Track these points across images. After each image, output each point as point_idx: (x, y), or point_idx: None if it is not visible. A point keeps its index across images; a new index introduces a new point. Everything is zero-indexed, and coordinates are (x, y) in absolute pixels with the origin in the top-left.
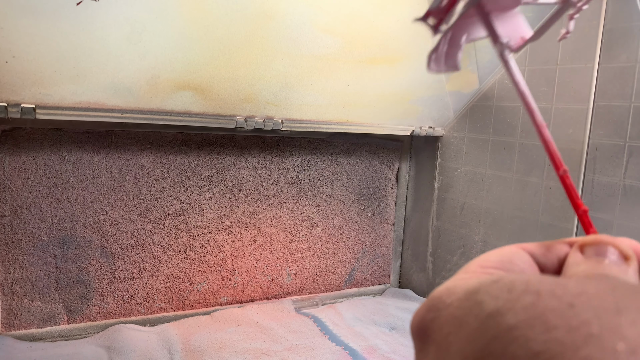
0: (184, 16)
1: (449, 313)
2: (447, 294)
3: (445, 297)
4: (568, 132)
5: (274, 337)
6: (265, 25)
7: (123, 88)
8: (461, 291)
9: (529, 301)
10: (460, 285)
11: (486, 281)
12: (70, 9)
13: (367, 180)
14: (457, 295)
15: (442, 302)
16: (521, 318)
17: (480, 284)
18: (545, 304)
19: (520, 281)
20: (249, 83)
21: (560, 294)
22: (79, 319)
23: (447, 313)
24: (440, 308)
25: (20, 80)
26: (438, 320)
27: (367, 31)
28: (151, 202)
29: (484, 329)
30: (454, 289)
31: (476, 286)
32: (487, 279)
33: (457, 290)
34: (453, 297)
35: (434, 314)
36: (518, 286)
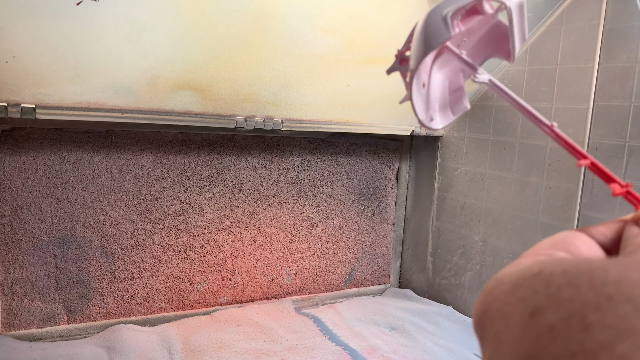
0: (184, 16)
1: (497, 308)
2: (496, 285)
3: (494, 289)
4: (568, 132)
5: (274, 337)
6: (265, 25)
7: (123, 88)
8: (507, 283)
9: (566, 296)
10: (508, 275)
11: (528, 273)
12: (70, 9)
13: (367, 180)
14: (504, 287)
15: (491, 295)
16: (560, 316)
17: (522, 275)
18: (582, 299)
19: (560, 272)
20: (249, 83)
21: (598, 285)
22: (78, 319)
23: (495, 308)
24: (489, 301)
25: (20, 80)
26: (489, 315)
27: (367, 31)
28: (151, 202)
29: (527, 329)
30: (502, 280)
31: (519, 279)
32: (530, 268)
33: (505, 281)
34: (500, 288)
35: (485, 307)
36: (557, 279)
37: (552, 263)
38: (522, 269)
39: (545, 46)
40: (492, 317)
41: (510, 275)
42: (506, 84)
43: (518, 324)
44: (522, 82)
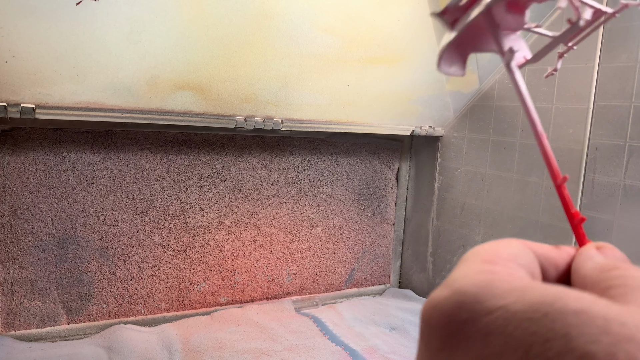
0: (184, 16)
1: (499, 326)
2: (486, 295)
3: (484, 299)
4: (568, 132)
5: (274, 337)
6: (265, 25)
7: (123, 88)
8: (511, 298)
9: (631, 351)
10: (500, 287)
11: (561, 305)
12: (70, 8)
13: (367, 180)
14: (505, 302)
15: (480, 305)
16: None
17: (550, 303)
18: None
19: (613, 315)
20: (248, 83)
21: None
22: (78, 319)
23: (493, 325)
24: (478, 311)
25: (20, 80)
26: (476, 326)
27: (367, 31)
28: (151, 202)
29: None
30: (494, 290)
31: (547, 307)
32: (551, 294)
33: (499, 293)
34: (497, 302)
35: (469, 316)
36: (614, 327)
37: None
38: (530, 286)
39: None
40: (485, 332)
41: (506, 287)
42: (506, 84)
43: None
44: None
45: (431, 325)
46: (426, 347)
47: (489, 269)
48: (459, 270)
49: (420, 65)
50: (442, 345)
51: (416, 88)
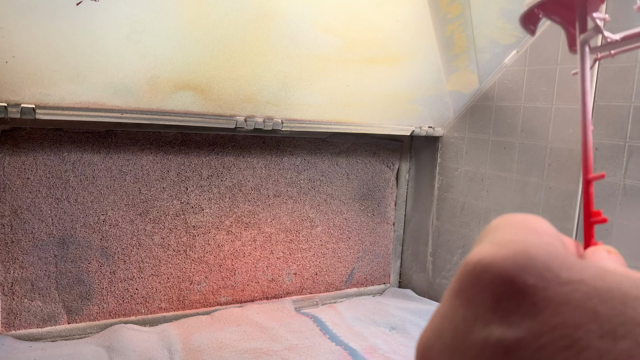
0: (184, 16)
1: (578, 299)
2: (560, 265)
3: (557, 268)
4: (568, 132)
5: (274, 336)
6: (265, 25)
7: (123, 88)
8: (588, 274)
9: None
10: (574, 261)
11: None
12: (70, 9)
13: (367, 180)
14: (584, 277)
15: (553, 273)
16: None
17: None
18: None
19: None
20: (249, 83)
21: None
22: (78, 318)
23: (571, 296)
24: (550, 279)
25: (20, 80)
26: (547, 293)
27: (367, 31)
28: (151, 202)
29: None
30: (567, 262)
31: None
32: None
33: (575, 266)
34: (574, 274)
35: (538, 282)
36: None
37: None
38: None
39: (545, 46)
40: (559, 301)
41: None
42: (506, 84)
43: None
44: (522, 82)
45: (483, 283)
46: (467, 304)
47: (545, 239)
48: (506, 234)
49: (420, 65)
50: (494, 305)
51: (416, 88)
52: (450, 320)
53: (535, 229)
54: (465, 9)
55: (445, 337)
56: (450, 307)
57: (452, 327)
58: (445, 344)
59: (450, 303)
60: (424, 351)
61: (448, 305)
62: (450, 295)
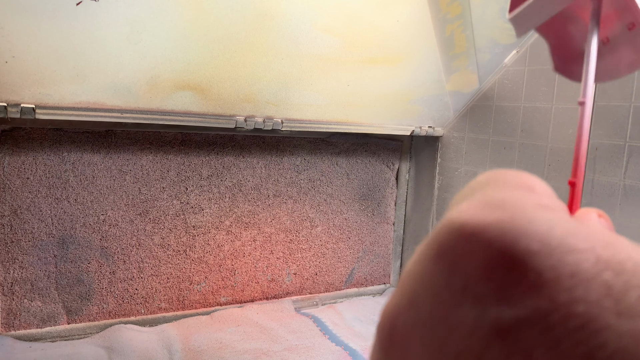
0: (184, 16)
1: (588, 270)
2: (565, 230)
3: (561, 233)
4: (568, 132)
5: (274, 337)
6: (265, 25)
7: (123, 88)
8: (597, 243)
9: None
10: (579, 230)
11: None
12: (70, 9)
13: (367, 180)
14: (593, 246)
15: (557, 240)
16: None
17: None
18: None
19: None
20: (248, 83)
21: None
22: (78, 319)
23: (580, 267)
24: (554, 246)
25: (20, 80)
26: (551, 263)
27: (367, 31)
28: (151, 202)
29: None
30: (573, 229)
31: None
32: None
33: (581, 234)
34: (581, 243)
35: (541, 248)
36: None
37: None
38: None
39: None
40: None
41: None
42: (506, 84)
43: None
44: (522, 82)
45: (473, 248)
46: (451, 270)
47: (544, 201)
48: (497, 192)
49: (420, 65)
50: (486, 276)
51: (416, 88)
52: (427, 287)
53: (532, 187)
54: (465, 9)
55: (420, 307)
56: (428, 271)
57: (430, 296)
58: (419, 316)
59: (428, 266)
60: (392, 321)
61: (425, 269)
62: (427, 256)
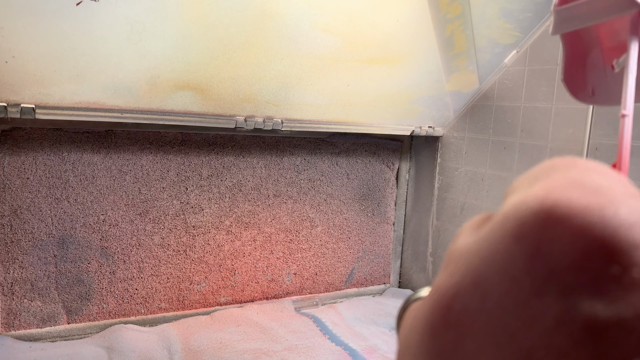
0: (184, 16)
1: None
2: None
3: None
4: (568, 132)
5: (274, 337)
6: (265, 25)
7: (123, 88)
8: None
9: None
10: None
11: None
12: (70, 9)
13: (367, 180)
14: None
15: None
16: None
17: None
18: None
19: None
20: (248, 83)
21: None
22: (78, 319)
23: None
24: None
25: (20, 80)
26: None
27: (367, 31)
28: (151, 202)
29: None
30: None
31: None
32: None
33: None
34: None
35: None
36: None
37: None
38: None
39: (545, 46)
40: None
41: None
42: (506, 84)
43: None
44: (522, 82)
45: (567, 234)
46: (536, 253)
47: (631, 190)
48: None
49: (420, 65)
50: (582, 267)
51: (416, 88)
52: (501, 270)
53: (616, 175)
54: (465, 9)
55: (489, 290)
56: (504, 251)
57: (504, 279)
58: (487, 300)
59: (504, 246)
60: (449, 300)
61: (498, 248)
62: (502, 235)
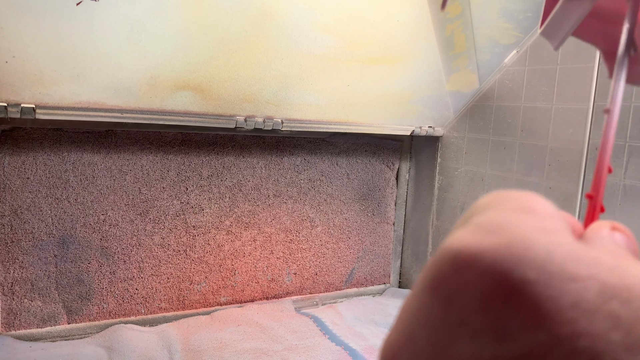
0: (184, 16)
1: (591, 300)
2: (566, 258)
3: (562, 261)
4: (568, 132)
5: (274, 337)
6: (265, 25)
7: (123, 88)
8: (601, 269)
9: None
10: (582, 254)
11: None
12: (70, 9)
13: (367, 180)
14: (596, 272)
15: (557, 267)
16: None
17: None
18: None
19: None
20: (249, 83)
21: None
22: (78, 319)
23: (584, 296)
24: (553, 274)
25: (20, 80)
26: (552, 293)
27: (367, 31)
28: (151, 202)
29: None
30: (574, 254)
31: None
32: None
33: (583, 259)
34: (583, 269)
35: (539, 277)
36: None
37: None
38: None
39: (546, 46)
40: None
41: (594, 256)
42: (506, 84)
43: None
44: (522, 82)
45: (468, 277)
46: (447, 302)
47: (543, 224)
48: (495, 216)
49: (420, 65)
50: (483, 308)
51: (416, 88)
52: (424, 322)
53: (533, 209)
54: (465, 9)
55: (418, 343)
56: (424, 304)
57: (427, 331)
58: (417, 353)
59: (424, 299)
60: (391, 357)
61: (421, 302)
62: (423, 288)
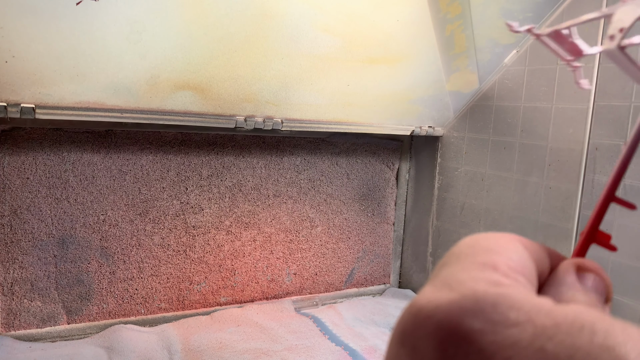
0: (184, 16)
1: (527, 340)
2: (508, 306)
3: (506, 309)
4: (568, 132)
5: (274, 337)
6: (265, 25)
7: (123, 88)
8: (537, 312)
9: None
10: (523, 300)
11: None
12: (70, 9)
13: (367, 180)
14: (532, 317)
15: (501, 315)
16: None
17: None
18: None
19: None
20: (248, 83)
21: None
22: (78, 319)
23: (519, 337)
24: (498, 322)
25: (20, 80)
26: (495, 338)
27: (367, 31)
28: (151, 202)
29: None
30: (516, 301)
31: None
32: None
33: (523, 305)
34: (522, 315)
35: (485, 326)
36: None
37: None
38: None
39: None
40: (506, 344)
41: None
42: (506, 84)
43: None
44: (522, 82)
45: (428, 330)
46: (412, 352)
47: (497, 278)
48: (457, 271)
49: (420, 65)
50: (440, 355)
51: (416, 88)
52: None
53: (492, 262)
54: (465, 9)
55: None
56: (394, 354)
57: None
58: None
59: (395, 350)
60: None
61: (393, 353)
62: (394, 341)
